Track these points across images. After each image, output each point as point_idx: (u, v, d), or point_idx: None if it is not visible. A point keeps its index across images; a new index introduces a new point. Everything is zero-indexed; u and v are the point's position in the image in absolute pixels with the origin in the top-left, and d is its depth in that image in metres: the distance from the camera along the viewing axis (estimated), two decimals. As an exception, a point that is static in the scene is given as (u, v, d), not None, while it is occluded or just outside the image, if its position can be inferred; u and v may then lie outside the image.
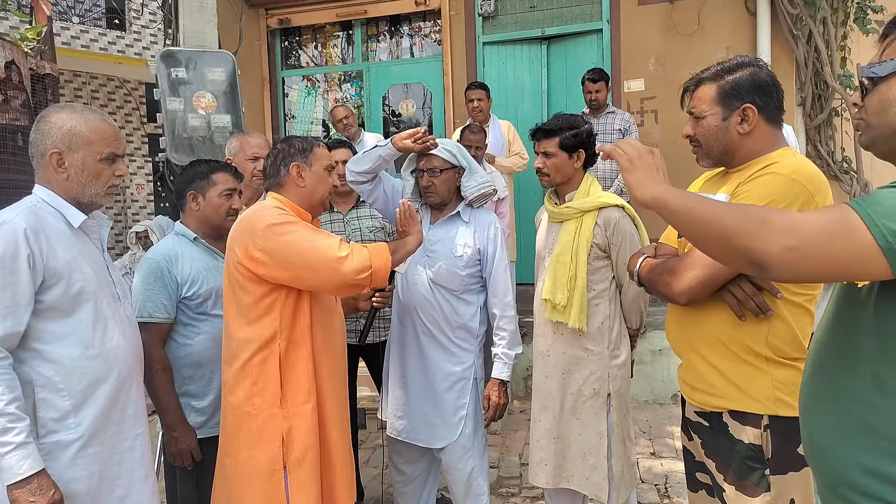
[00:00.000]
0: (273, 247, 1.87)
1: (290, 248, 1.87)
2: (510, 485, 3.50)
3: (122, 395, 1.78)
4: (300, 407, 1.94)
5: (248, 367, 1.93)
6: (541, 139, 2.39)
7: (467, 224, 2.54)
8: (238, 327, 1.95)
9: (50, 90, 3.79)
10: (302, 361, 1.95)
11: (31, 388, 1.63)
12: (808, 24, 5.32)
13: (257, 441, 1.91)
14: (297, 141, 2.10)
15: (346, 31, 6.93)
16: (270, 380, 1.92)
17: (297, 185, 2.05)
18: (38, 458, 1.58)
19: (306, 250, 1.87)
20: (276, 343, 1.92)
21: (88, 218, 1.78)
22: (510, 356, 2.47)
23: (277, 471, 1.90)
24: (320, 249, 1.87)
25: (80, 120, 1.73)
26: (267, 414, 1.91)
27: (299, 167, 2.05)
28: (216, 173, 2.36)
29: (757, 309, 1.55)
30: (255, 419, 1.92)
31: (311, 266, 1.87)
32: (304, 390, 1.94)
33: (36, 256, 1.62)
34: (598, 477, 2.34)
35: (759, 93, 1.60)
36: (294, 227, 1.91)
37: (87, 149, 1.73)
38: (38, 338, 1.64)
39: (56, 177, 1.73)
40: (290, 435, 1.92)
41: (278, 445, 1.90)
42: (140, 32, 9.80)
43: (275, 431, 1.91)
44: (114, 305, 1.79)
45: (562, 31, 6.08)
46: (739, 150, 1.64)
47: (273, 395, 1.91)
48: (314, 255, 1.86)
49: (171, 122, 4.04)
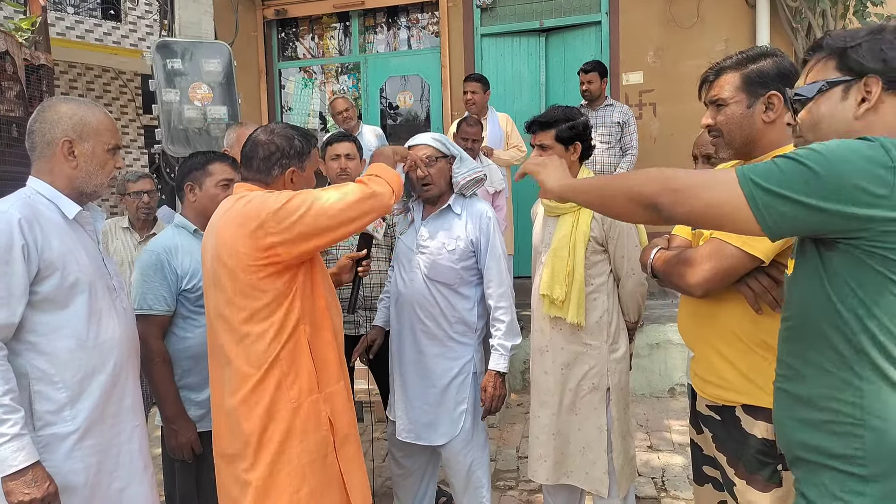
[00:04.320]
0: (300, 229, 1.73)
1: (320, 218, 1.75)
2: (507, 478, 3.50)
3: (118, 386, 1.78)
4: (335, 386, 1.90)
5: (276, 362, 1.79)
6: (537, 131, 2.38)
7: (459, 216, 2.53)
8: (251, 326, 1.80)
9: (44, 81, 3.77)
10: (327, 342, 1.90)
11: (27, 381, 1.63)
12: (807, 16, 5.30)
13: (305, 431, 1.81)
14: (298, 139, 1.92)
15: (344, 23, 6.88)
16: (304, 367, 1.83)
17: (287, 188, 1.90)
18: (33, 450, 1.57)
19: (338, 210, 1.77)
20: (302, 329, 1.83)
21: (83, 209, 1.78)
22: (507, 347, 2.46)
23: (331, 453, 1.86)
24: (346, 202, 1.78)
25: (89, 111, 1.78)
26: (309, 402, 1.83)
27: (294, 172, 1.91)
28: (212, 164, 2.35)
29: (774, 302, 1.54)
30: (297, 411, 1.81)
31: (352, 218, 1.79)
32: (336, 369, 1.91)
33: (30, 247, 1.61)
34: (599, 472, 2.34)
35: (784, 81, 1.58)
36: (303, 198, 1.77)
37: (97, 139, 1.77)
38: (33, 330, 1.64)
39: (63, 165, 1.74)
40: (335, 416, 1.88)
41: (327, 429, 1.85)
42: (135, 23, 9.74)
43: (321, 416, 1.85)
44: (109, 297, 1.79)
45: (560, 23, 6.05)
46: (762, 140, 1.61)
47: (310, 382, 1.83)
48: (348, 212, 1.78)
49: (167, 113, 4.01)
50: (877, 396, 1.05)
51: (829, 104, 1.18)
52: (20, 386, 1.61)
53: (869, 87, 1.14)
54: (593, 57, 5.59)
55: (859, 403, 1.06)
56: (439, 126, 6.38)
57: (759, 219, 1.07)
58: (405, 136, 6.31)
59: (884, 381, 1.05)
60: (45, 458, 1.62)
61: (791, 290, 1.22)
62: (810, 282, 1.13)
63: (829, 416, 1.11)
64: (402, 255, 2.60)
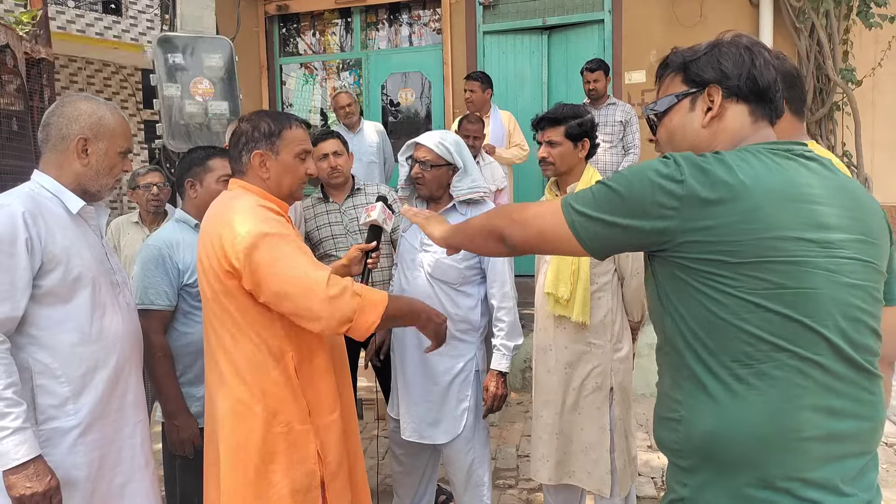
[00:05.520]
0: (257, 262, 1.62)
1: (275, 269, 1.62)
2: (507, 476, 3.50)
3: (121, 382, 1.78)
4: (327, 417, 1.79)
5: (269, 382, 1.71)
6: (545, 128, 2.36)
7: (464, 216, 2.51)
8: (238, 341, 1.72)
9: (45, 75, 3.75)
10: (320, 372, 1.79)
11: (30, 374, 1.63)
12: (810, 17, 5.29)
13: (291, 462, 1.72)
14: (265, 121, 1.79)
15: (345, 19, 6.86)
16: (296, 395, 1.73)
17: (260, 175, 1.79)
18: (35, 444, 1.57)
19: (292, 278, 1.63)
20: (290, 355, 1.72)
21: (87, 204, 1.78)
22: (509, 347, 2.45)
23: (315, 487, 1.75)
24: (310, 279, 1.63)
25: (108, 112, 1.79)
26: (298, 431, 1.73)
27: (263, 156, 1.78)
28: (212, 159, 2.34)
29: None
30: (285, 437, 1.72)
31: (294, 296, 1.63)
32: (330, 399, 1.80)
33: (34, 240, 1.61)
34: (601, 472, 2.33)
35: (786, 85, 1.58)
36: (280, 242, 1.65)
37: (111, 140, 1.78)
38: (36, 324, 1.64)
39: (74, 162, 1.74)
40: (325, 449, 1.77)
41: (314, 462, 1.74)
42: (136, 17, 9.71)
43: (309, 448, 1.74)
44: (112, 292, 1.79)
45: (563, 21, 6.03)
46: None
47: (301, 411, 1.74)
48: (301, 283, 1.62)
49: (168, 108, 3.99)
50: (690, 395, 1.12)
51: (679, 116, 1.25)
52: (23, 380, 1.60)
53: (712, 97, 1.20)
54: (596, 55, 5.57)
55: (681, 401, 1.14)
56: (441, 124, 6.37)
57: (579, 240, 1.18)
58: (406, 133, 6.32)
59: (694, 382, 1.12)
60: (47, 453, 1.61)
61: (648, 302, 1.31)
62: (650, 289, 1.21)
63: (667, 413, 1.19)
64: (406, 253, 2.59)
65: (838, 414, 1.06)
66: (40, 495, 1.55)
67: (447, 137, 2.49)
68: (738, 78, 1.18)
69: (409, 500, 2.74)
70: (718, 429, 1.08)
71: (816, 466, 1.05)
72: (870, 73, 5.41)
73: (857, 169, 5.54)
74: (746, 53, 1.19)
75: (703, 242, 1.06)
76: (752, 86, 1.18)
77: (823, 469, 1.05)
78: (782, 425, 1.05)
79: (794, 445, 1.05)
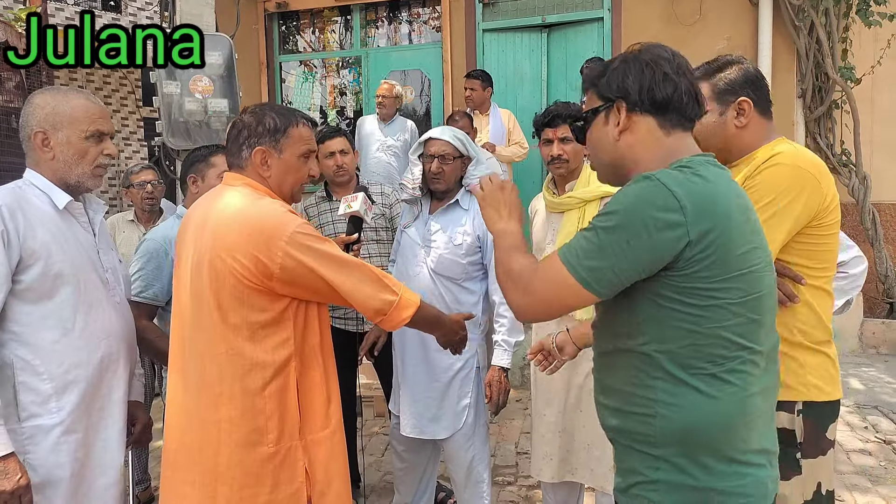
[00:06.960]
0: (303, 271, 1.57)
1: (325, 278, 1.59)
2: (506, 473, 3.51)
3: (105, 380, 1.74)
4: (318, 434, 1.67)
5: (261, 397, 1.59)
6: (559, 125, 2.33)
7: (466, 211, 2.53)
8: (241, 345, 1.58)
9: (44, 72, 3.75)
10: (315, 385, 1.68)
11: (11, 371, 1.61)
12: (810, 15, 5.29)
13: (278, 482, 1.60)
14: (270, 116, 1.68)
15: (345, 17, 6.86)
16: (290, 409, 1.62)
17: (260, 173, 1.68)
18: (7, 442, 1.54)
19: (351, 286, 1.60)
20: (292, 366, 1.62)
21: (73, 200, 1.75)
22: (510, 343, 2.46)
23: None
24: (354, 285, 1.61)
25: (63, 99, 1.72)
26: (286, 448, 1.61)
27: (265, 153, 1.66)
28: (215, 156, 2.35)
29: (785, 297, 1.58)
30: (272, 457, 1.59)
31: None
32: (322, 414, 1.68)
33: (11, 234, 1.59)
34: (604, 468, 2.33)
35: (752, 87, 1.68)
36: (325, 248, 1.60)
37: (71, 127, 1.71)
38: (17, 320, 1.62)
39: (42, 157, 1.71)
40: (313, 467, 1.65)
41: (301, 481, 1.63)
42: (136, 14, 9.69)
43: (297, 467, 1.63)
44: (101, 289, 1.76)
45: (562, 18, 6.03)
46: (737, 144, 1.70)
47: (293, 426, 1.62)
48: None
49: (168, 105, 3.99)
50: (668, 393, 1.19)
51: (596, 130, 1.32)
52: (4, 376, 1.59)
53: (619, 111, 1.27)
54: (595, 53, 5.58)
55: (655, 399, 1.20)
56: (440, 121, 6.37)
57: (590, 290, 1.20)
58: (406, 130, 6.30)
59: (672, 382, 1.19)
60: (29, 451, 1.59)
61: (599, 308, 1.35)
62: (616, 304, 1.24)
63: (634, 408, 1.25)
64: (407, 248, 2.59)
65: (768, 392, 1.25)
66: (7, 494, 1.50)
67: (457, 132, 2.55)
68: (638, 93, 1.24)
69: (409, 496, 2.75)
70: (697, 422, 1.18)
71: (759, 438, 1.23)
72: (869, 71, 5.40)
73: (856, 167, 5.54)
74: (647, 69, 1.24)
75: (702, 259, 1.15)
76: (651, 99, 1.24)
77: (762, 439, 1.23)
78: (744, 411, 1.19)
79: (750, 426, 1.21)
